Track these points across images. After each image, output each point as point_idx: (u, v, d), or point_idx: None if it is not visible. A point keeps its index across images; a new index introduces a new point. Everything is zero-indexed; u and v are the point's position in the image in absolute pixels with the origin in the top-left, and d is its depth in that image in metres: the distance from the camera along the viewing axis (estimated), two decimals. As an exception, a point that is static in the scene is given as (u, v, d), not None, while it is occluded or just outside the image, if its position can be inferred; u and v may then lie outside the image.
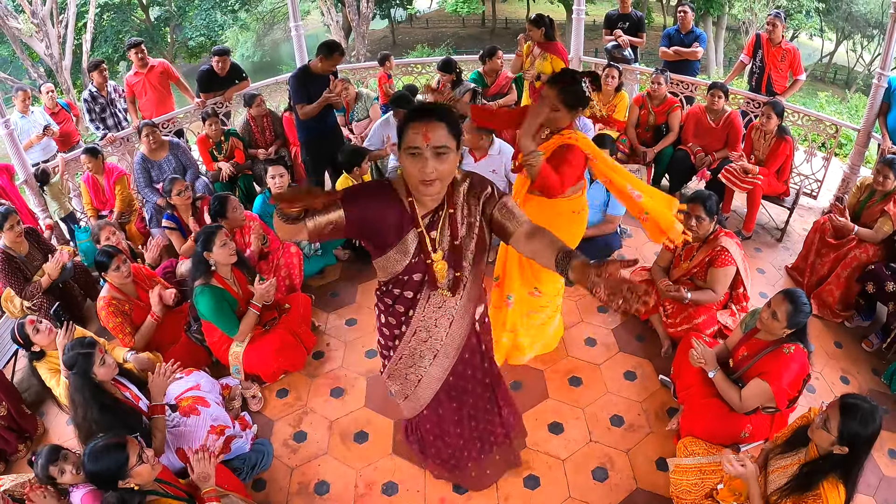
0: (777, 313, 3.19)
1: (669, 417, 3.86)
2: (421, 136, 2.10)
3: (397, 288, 2.57)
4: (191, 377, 3.84)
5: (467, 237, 2.47)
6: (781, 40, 6.37)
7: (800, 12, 21.73)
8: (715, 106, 5.90)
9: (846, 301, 4.69)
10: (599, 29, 8.33)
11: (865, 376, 4.26)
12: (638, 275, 4.64)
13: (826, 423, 2.57)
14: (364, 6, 19.75)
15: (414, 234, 2.40)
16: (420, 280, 2.53)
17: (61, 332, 3.84)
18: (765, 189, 5.47)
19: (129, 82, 6.90)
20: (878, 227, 4.52)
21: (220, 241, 3.91)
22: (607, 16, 7.90)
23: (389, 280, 2.56)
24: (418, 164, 2.14)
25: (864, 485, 3.39)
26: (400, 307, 2.63)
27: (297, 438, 3.87)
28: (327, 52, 5.28)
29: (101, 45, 20.61)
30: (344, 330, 4.77)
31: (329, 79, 5.42)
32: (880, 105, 5.68)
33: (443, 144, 2.13)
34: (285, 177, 5.02)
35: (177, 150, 6.00)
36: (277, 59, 29.74)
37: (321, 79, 5.36)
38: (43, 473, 2.90)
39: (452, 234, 2.43)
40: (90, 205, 5.84)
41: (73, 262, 4.91)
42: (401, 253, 2.42)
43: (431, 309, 2.62)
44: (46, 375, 3.96)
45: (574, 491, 3.45)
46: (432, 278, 2.49)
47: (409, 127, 2.15)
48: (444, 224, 2.42)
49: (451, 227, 2.42)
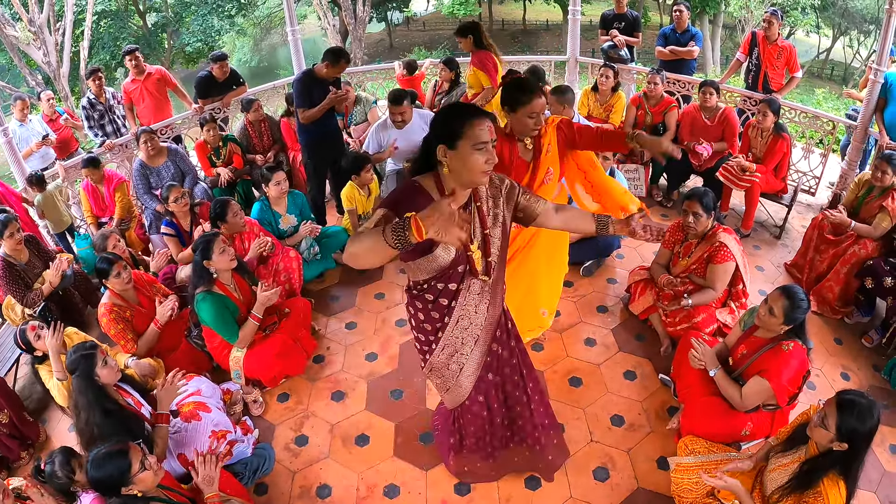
0: (774, 309, 3.19)
1: (670, 416, 3.87)
2: (487, 131, 2.31)
3: (440, 282, 2.66)
4: (192, 383, 3.84)
5: (493, 227, 2.68)
6: (777, 38, 6.38)
7: (796, 9, 21.72)
8: (708, 103, 5.90)
9: (845, 297, 4.70)
10: (596, 29, 8.34)
11: (866, 372, 4.26)
12: (637, 274, 4.65)
13: (824, 421, 2.57)
14: (360, 10, 19.79)
15: None
16: (462, 271, 2.67)
17: (48, 332, 3.85)
18: (763, 187, 5.47)
19: (127, 89, 6.90)
20: (877, 222, 4.52)
21: (219, 249, 3.92)
22: (603, 16, 7.90)
23: (431, 277, 2.65)
24: (485, 156, 2.32)
25: (866, 480, 3.40)
26: (443, 300, 2.72)
27: (299, 442, 3.88)
28: (334, 60, 5.26)
29: (99, 52, 20.66)
30: (344, 333, 4.78)
31: (331, 85, 5.41)
32: (877, 101, 5.68)
33: (495, 138, 2.36)
34: (286, 182, 5.07)
35: (175, 157, 6.01)
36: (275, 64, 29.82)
37: (324, 84, 5.36)
38: (63, 471, 2.93)
39: (482, 225, 2.63)
40: (90, 212, 5.85)
41: (73, 269, 4.91)
42: (446, 250, 2.54)
43: (472, 296, 2.75)
44: (47, 378, 3.98)
45: (575, 491, 3.46)
46: (473, 267, 2.66)
47: (473, 124, 2.30)
48: (474, 217, 2.60)
49: (480, 218, 2.62)
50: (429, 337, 2.87)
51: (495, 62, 5.97)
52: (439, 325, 2.80)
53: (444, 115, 2.39)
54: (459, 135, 2.30)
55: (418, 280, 2.69)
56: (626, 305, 4.78)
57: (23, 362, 4.67)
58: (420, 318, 2.83)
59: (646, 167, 6.28)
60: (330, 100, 5.29)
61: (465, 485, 3.52)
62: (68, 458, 3.00)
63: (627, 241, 5.65)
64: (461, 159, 2.33)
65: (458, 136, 2.31)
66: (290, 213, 5.16)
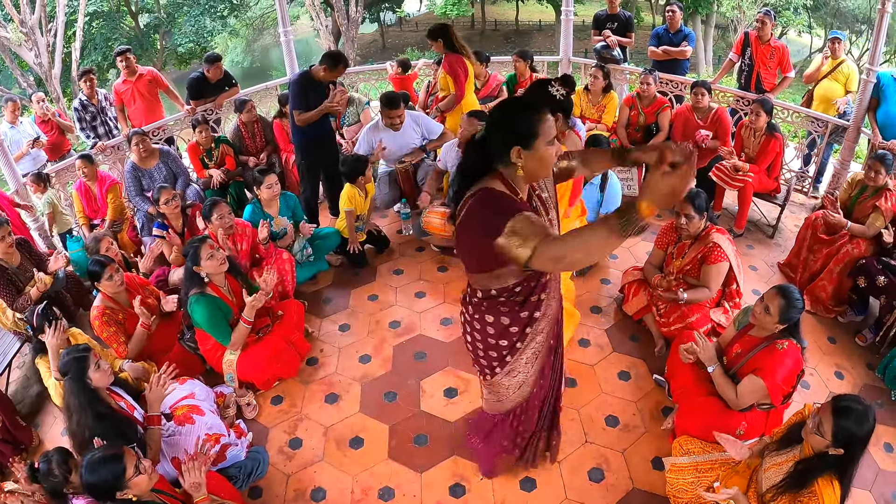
0: (770, 308, 3.19)
1: (664, 417, 3.87)
2: (554, 123, 2.30)
3: (533, 280, 2.61)
4: (185, 386, 3.83)
5: (552, 210, 2.66)
6: (770, 38, 6.40)
7: (788, 9, 21.82)
8: (699, 104, 5.92)
9: (839, 296, 4.71)
10: (589, 29, 8.34)
11: (860, 371, 4.28)
12: (630, 274, 4.65)
13: (820, 428, 2.57)
14: (353, 10, 19.77)
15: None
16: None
17: (50, 331, 3.82)
18: (756, 186, 5.49)
19: (118, 90, 6.87)
20: (870, 222, 4.54)
21: (206, 255, 3.90)
22: (596, 16, 7.91)
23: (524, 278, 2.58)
24: (555, 148, 2.31)
25: (861, 479, 3.41)
26: (535, 297, 2.66)
27: (293, 445, 3.86)
28: (332, 64, 5.26)
29: (91, 53, 20.58)
30: (337, 336, 4.76)
31: (328, 87, 5.40)
32: (870, 100, 5.70)
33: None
34: (278, 185, 5.07)
35: (167, 158, 5.98)
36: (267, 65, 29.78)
37: (321, 87, 5.34)
38: (60, 470, 2.92)
39: (546, 212, 2.60)
40: (82, 213, 5.82)
41: (65, 271, 4.88)
42: None
43: (553, 285, 2.74)
44: (46, 375, 3.96)
45: (570, 492, 3.45)
46: None
47: (544, 119, 2.26)
48: (538, 206, 2.57)
49: (543, 206, 2.60)
50: (513, 339, 2.77)
51: (466, 67, 5.92)
52: (527, 322, 2.71)
53: (512, 116, 2.30)
54: (535, 134, 2.26)
55: (506, 285, 2.60)
56: (619, 306, 4.78)
57: (15, 366, 4.65)
58: (505, 323, 2.71)
59: (638, 168, 6.28)
60: (327, 106, 5.28)
61: (459, 486, 3.51)
62: (65, 458, 2.98)
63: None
64: (537, 157, 2.29)
65: (533, 136, 2.26)
66: (282, 214, 5.14)
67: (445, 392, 4.15)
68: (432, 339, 4.65)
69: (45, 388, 4.44)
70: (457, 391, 4.15)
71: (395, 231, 6.06)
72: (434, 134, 5.91)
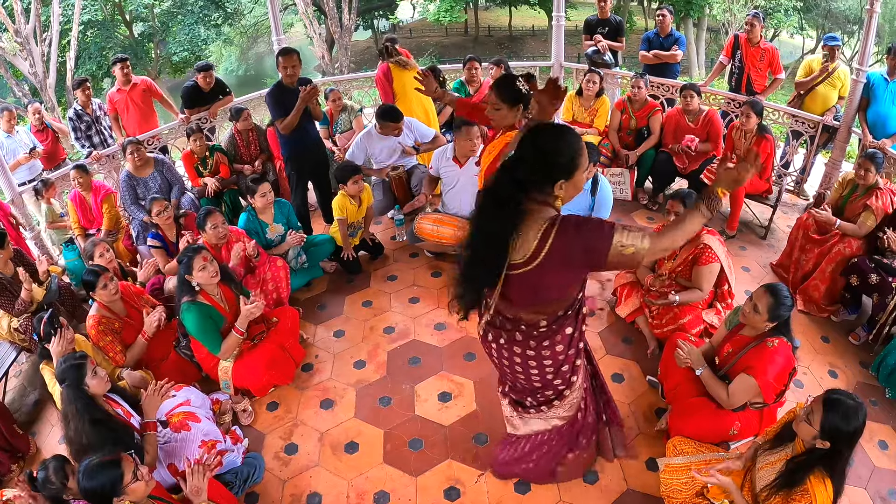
0: (758, 307, 3.21)
1: (658, 418, 3.88)
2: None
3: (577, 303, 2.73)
4: (181, 393, 3.83)
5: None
6: (760, 40, 6.44)
7: (779, 11, 21.93)
8: (689, 107, 5.96)
9: (831, 295, 4.74)
10: (580, 34, 8.39)
11: (854, 369, 4.30)
12: (623, 277, 4.67)
13: (809, 417, 2.59)
14: (346, 18, 19.83)
15: None
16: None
17: (55, 339, 3.82)
18: (747, 187, 5.51)
19: (112, 99, 6.88)
20: (862, 221, 4.57)
21: (199, 266, 3.91)
22: (587, 21, 7.96)
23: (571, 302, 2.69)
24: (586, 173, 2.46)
25: (856, 476, 3.44)
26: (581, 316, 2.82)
27: (289, 451, 3.87)
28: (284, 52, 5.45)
29: (86, 62, 20.63)
30: (332, 342, 4.78)
31: (300, 90, 5.42)
32: (860, 100, 5.74)
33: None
34: (272, 193, 5.09)
35: (162, 167, 6.00)
36: (262, 73, 29.83)
37: (293, 92, 5.36)
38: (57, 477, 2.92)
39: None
40: (77, 223, 5.82)
41: (59, 283, 4.88)
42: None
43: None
44: (50, 381, 3.95)
45: (565, 494, 3.46)
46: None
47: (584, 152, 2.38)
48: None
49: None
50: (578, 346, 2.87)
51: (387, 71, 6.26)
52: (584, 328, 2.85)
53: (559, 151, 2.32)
54: (577, 165, 2.35)
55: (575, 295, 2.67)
56: (612, 308, 4.80)
57: (12, 375, 4.65)
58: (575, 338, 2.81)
59: (630, 170, 6.32)
60: (302, 100, 5.28)
61: (454, 489, 3.52)
62: (62, 465, 2.99)
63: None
64: (574, 185, 2.39)
65: (576, 168, 2.35)
66: (276, 222, 5.16)
67: (439, 396, 4.16)
68: (426, 343, 4.66)
69: (42, 397, 4.47)
70: (451, 395, 4.16)
71: (388, 237, 6.08)
72: (427, 138, 5.95)
